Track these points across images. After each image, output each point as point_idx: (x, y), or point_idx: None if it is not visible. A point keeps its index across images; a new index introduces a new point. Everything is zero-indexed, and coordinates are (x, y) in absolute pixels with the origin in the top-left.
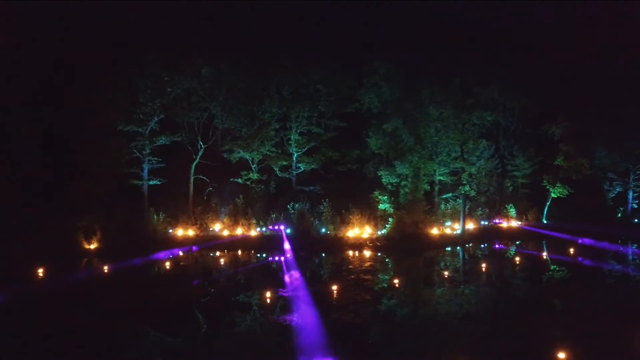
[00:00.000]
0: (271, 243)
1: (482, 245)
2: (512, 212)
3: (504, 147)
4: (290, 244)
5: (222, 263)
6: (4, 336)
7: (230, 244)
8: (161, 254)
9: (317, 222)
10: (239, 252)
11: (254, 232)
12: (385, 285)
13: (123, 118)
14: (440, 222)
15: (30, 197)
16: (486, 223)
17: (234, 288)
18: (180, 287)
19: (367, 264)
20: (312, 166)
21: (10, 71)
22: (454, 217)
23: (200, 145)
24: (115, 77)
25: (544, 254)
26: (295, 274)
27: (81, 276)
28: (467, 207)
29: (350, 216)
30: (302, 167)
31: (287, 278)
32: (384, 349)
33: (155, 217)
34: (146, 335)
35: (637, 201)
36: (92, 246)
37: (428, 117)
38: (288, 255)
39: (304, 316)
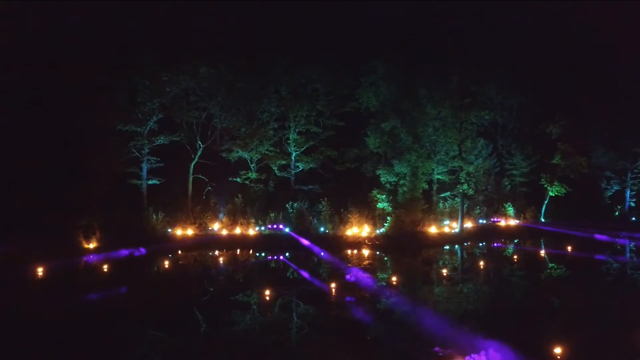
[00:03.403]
0: (270, 242)
1: (481, 244)
2: (510, 210)
3: (502, 145)
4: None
5: (221, 263)
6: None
7: (231, 243)
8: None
9: (315, 221)
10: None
11: (252, 232)
12: (384, 284)
13: (122, 118)
14: (438, 221)
15: (28, 197)
16: (484, 222)
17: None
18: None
19: (366, 262)
20: (311, 165)
21: (8, 71)
22: (452, 216)
23: (199, 144)
24: (114, 77)
25: (542, 252)
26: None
27: None
28: (466, 205)
29: (349, 215)
30: (301, 166)
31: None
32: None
33: (155, 216)
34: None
35: (634, 199)
36: (92, 245)
37: (426, 116)
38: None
39: None
